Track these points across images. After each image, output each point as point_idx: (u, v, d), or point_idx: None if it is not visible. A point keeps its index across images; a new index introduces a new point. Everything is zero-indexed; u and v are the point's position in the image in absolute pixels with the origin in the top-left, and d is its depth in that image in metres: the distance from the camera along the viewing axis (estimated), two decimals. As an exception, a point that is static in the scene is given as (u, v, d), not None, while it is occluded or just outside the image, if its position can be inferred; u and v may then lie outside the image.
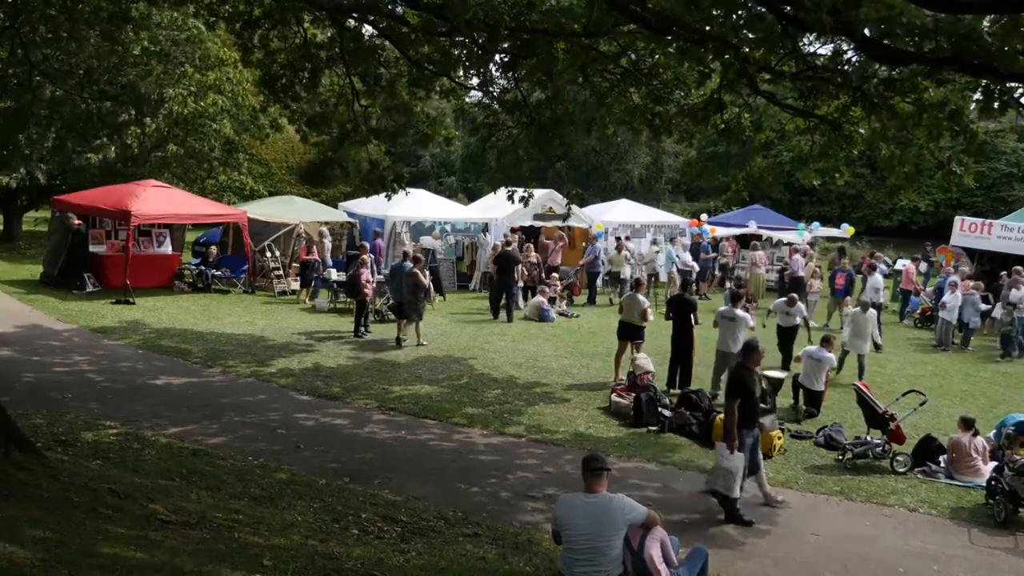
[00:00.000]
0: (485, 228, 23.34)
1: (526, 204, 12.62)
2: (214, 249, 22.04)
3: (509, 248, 20.29)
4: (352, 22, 10.94)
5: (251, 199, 26.37)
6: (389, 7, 10.07)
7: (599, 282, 23.47)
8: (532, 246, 22.59)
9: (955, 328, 19.47)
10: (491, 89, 11.35)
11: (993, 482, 9.71)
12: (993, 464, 10.17)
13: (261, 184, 30.03)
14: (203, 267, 21.32)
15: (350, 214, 24.43)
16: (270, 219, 22.10)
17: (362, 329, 16.84)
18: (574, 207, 13.21)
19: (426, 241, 22.17)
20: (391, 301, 18.71)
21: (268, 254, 21.56)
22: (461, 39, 9.37)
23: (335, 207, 26.36)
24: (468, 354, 15.90)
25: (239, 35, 11.15)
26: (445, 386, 13.53)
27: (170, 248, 21.68)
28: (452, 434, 11.38)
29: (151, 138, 23.15)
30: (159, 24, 20.67)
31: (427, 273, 17.22)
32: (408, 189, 16.80)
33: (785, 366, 14.75)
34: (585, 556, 5.74)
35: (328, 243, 21.93)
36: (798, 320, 15.24)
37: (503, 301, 19.69)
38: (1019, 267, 20.84)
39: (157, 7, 13.66)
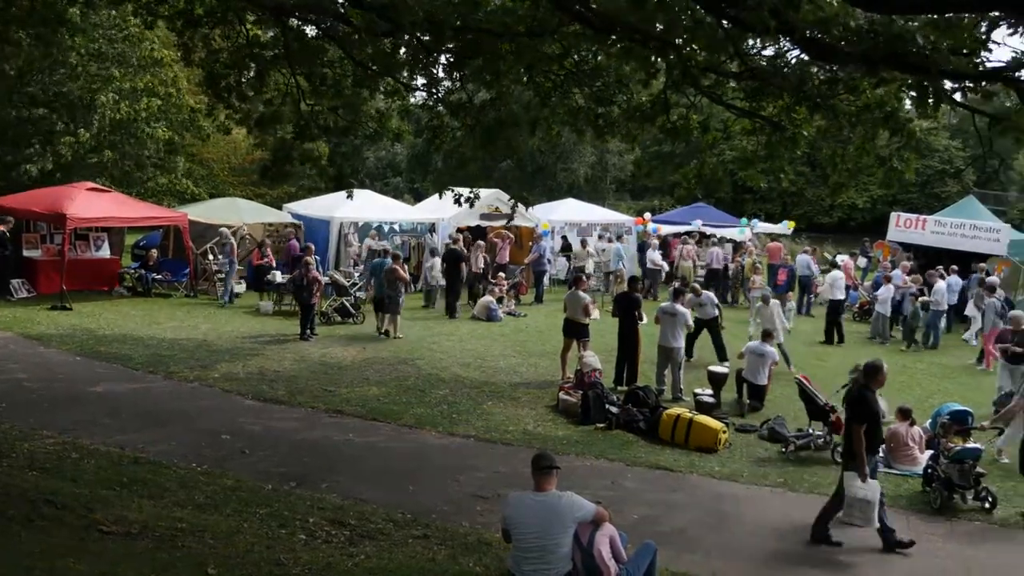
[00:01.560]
0: (432, 228, 23.25)
1: (472, 205, 12.58)
2: (154, 252, 21.57)
3: (456, 246, 20.36)
4: (295, 21, 10.80)
5: (191, 202, 25.89)
6: (332, 6, 9.96)
7: (546, 280, 23.61)
8: (482, 245, 22.57)
9: (890, 320, 20.00)
10: (436, 90, 11.31)
11: (929, 470, 10.01)
12: (930, 453, 10.46)
13: (203, 186, 29.52)
14: (143, 271, 20.88)
15: (295, 215, 24.10)
16: (212, 221, 21.72)
17: (308, 331, 16.66)
18: (520, 207, 13.21)
19: (367, 243, 21.99)
20: (337, 302, 18.61)
21: (211, 257, 21.19)
22: (405, 39, 9.32)
23: (279, 208, 26.03)
24: (415, 355, 15.83)
25: (180, 34, 10.94)
26: (392, 387, 13.45)
27: (108, 252, 21.15)
28: (400, 436, 11.32)
29: (85, 145, 22.63)
30: (96, 25, 20.20)
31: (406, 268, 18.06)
32: (355, 189, 16.69)
33: (723, 358, 15.07)
34: (534, 554, 5.75)
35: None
36: (715, 311, 15.69)
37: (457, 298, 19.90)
38: (954, 266, 21.52)
39: (94, 8, 13.31)
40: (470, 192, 12.63)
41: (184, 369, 13.74)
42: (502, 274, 22.45)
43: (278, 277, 20.27)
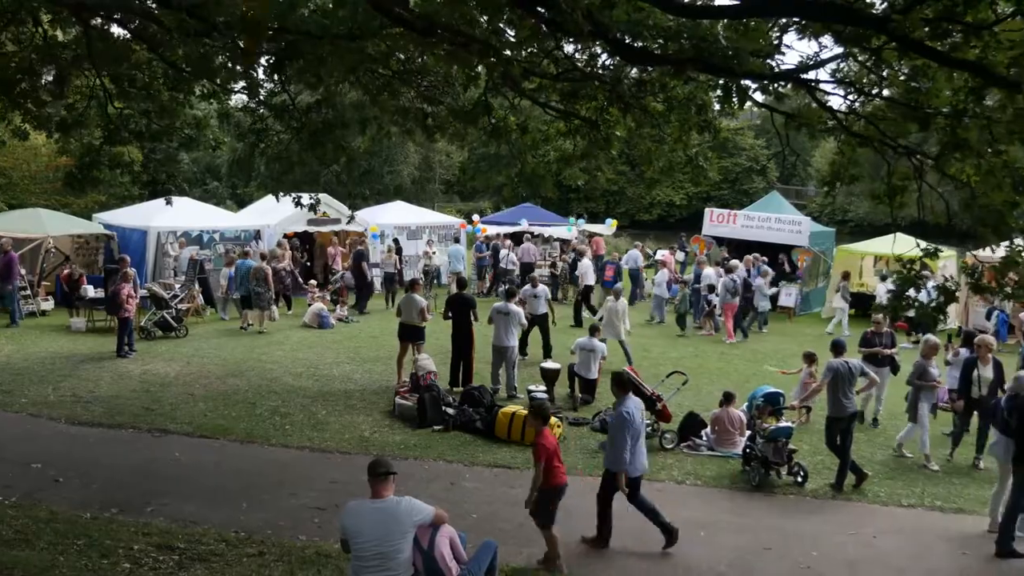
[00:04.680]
0: (257, 235, 22.49)
1: (313, 210, 12.23)
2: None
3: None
4: (99, 21, 10.15)
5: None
6: (138, 5, 9.43)
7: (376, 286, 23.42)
8: (288, 253, 22.02)
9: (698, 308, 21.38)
10: (258, 92, 10.94)
11: (747, 450, 10.67)
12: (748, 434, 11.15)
13: (-1, 196, 27.29)
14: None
15: (107, 226, 22.63)
16: (13, 235, 20.05)
17: (126, 348, 15.73)
18: (347, 211, 13.01)
19: (185, 252, 21.02)
20: (157, 315, 17.67)
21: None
22: (221, 41, 8.98)
23: (89, 219, 24.41)
24: (244, 367, 15.29)
25: (-34, 36, 10.05)
26: (220, 402, 12.93)
27: None
28: (231, 451, 10.91)
29: None
30: None
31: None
32: (173, 197, 15.95)
33: (548, 355, 15.47)
34: (375, 562, 5.68)
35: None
36: (545, 307, 16.36)
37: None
38: (764, 257, 23.05)
39: None
40: (309, 197, 12.31)
41: (-15, 395, 12.65)
42: (313, 281, 22.01)
43: (90, 292, 19.02)
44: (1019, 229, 6.77)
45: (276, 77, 10.23)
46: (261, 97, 10.88)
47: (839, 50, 7.07)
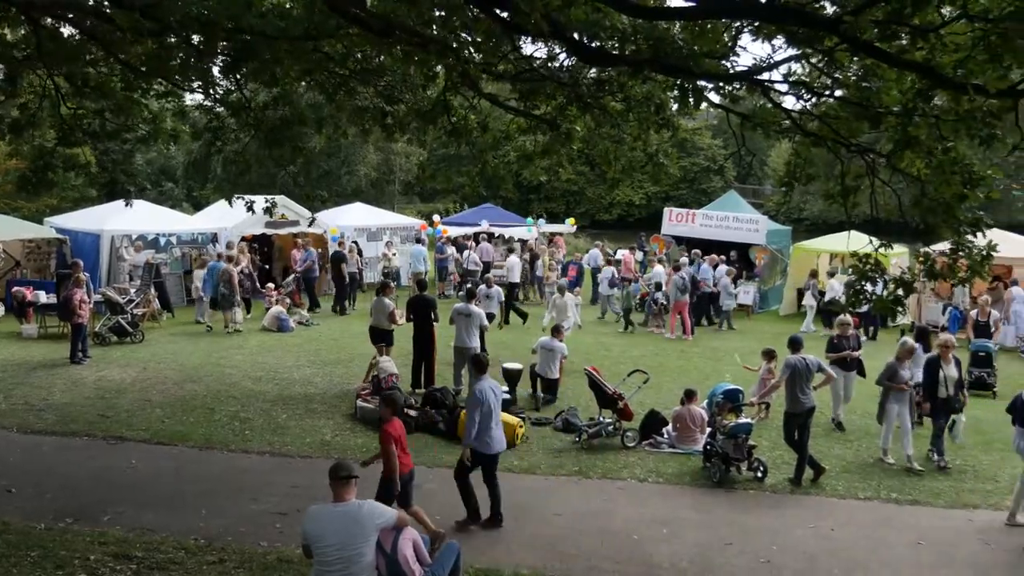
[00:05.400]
0: (214, 239, 22.21)
1: (270, 214, 12.10)
2: None
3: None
4: (50, 20, 9.95)
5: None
6: (90, 4, 9.26)
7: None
8: (245, 256, 21.77)
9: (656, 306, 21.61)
10: (214, 92, 10.79)
11: (708, 447, 10.77)
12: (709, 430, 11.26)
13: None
14: None
15: (59, 230, 22.17)
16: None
17: (80, 355, 15.44)
18: (306, 213, 12.89)
19: (145, 257, 20.67)
20: (112, 321, 17.38)
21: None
22: (175, 40, 8.85)
23: (40, 223, 23.91)
24: (203, 372, 15.09)
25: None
26: (178, 407, 12.75)
27: None
28: (190, 458, 10.75)
29: None
30: None
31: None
32: (131, 203, 15.66)
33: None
34: (337, 567, 5.64)
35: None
36: (496, 308, 16.34)
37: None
38: (723, 256, 23.29)
39: None
40: (266, 200, 12.16)
41: (-67, 405, 12.35)
42: (271, 284, 21.90)
43: (42, 298, 18.64)
44: (967, 222, 6.94)
45: (231, 77, 10.12)
46: (217, 96, 10.75)
47: (793, 51, 7.17)
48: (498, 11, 7.03)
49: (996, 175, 7.05)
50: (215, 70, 10.23)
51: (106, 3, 8.89)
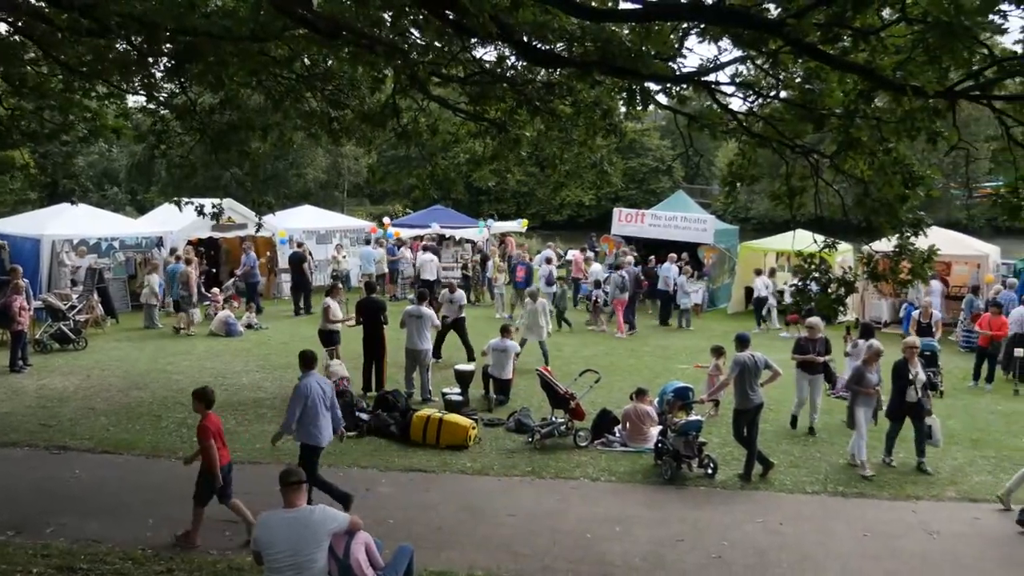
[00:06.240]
0: (159, 243, 21.79)
1: (216, 219, 11.88)
2: None
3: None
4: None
5: None
6: (26, 3, 9.03)
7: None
8: (195, 259, 21.34)
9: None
10: (157, 94, 10.58)
11: (659, 445, 10.87)
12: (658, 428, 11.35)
13: None
14: None
15: (-5, 235, 21.56)
16: None
17: (20, 363, 15.04)
18: (252, 216, 12.68)
19: (84, 261, 20.19)
20: (53, 327, 16.96)
21: None
22: (117, 41, 8.68)
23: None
24: (149, 378, 14.80)
25: None
26: (124, 415, 12.49)
27: None
28: (135, 466, 10.55)
29: None
30: None
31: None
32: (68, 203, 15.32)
33: (471, 357, 15.42)
34: (289, 573, 5.58)
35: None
36: (462, 311, 16.31)
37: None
38: (673, 254, 23.51)
39: None
40: (213, 206, 11.96)
41: None
42: (216, 289, 21.58)
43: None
44: (909, 222, 7.12)
45: (175, 79, 9.94)
46: (161, 98, 10.55)
47: (738, 53, 7.29)
48: (447, 13, 7.02)
49: (935, 175, 7.25)
50: (158, 73, 10.05)
51: (42, 2, 8.68)
